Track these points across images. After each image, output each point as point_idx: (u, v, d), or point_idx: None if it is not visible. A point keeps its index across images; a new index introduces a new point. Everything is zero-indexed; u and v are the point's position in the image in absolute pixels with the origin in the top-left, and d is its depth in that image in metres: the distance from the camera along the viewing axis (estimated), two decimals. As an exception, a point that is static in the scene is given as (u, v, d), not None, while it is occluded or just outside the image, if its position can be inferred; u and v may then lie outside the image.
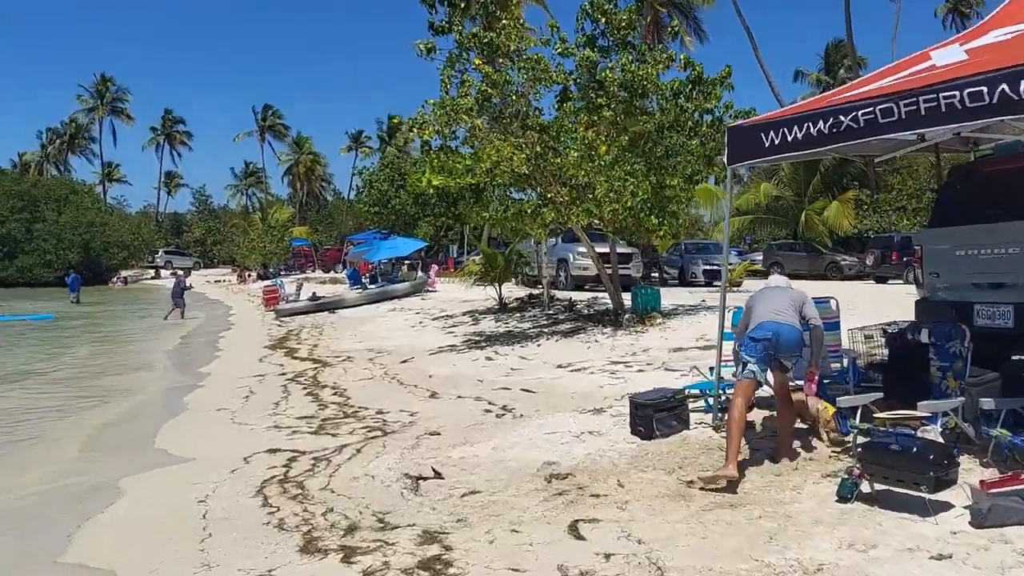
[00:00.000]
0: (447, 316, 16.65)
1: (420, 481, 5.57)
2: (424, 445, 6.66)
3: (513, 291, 18.37)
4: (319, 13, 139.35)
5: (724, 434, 6.00)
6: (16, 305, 28.37)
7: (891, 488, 4.30)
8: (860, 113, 5.22)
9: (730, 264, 24.78)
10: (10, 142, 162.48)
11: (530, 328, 13.58)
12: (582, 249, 20.79)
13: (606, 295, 17.83)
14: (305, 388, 10.30)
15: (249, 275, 45.70)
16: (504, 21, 12.14)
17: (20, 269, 50.44)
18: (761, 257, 33.49)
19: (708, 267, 24.92)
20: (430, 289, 24.19)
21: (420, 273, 28.02)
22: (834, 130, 5.40)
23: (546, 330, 13.10)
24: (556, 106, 11.83)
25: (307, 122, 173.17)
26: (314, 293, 23.77)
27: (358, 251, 29.54)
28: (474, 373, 10.13)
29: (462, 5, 12.33)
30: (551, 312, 14.93)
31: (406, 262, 28.47)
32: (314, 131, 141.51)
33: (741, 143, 6.08)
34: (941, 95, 4.55)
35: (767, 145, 5.80)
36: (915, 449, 4.24)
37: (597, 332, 11.68)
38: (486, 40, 11.74)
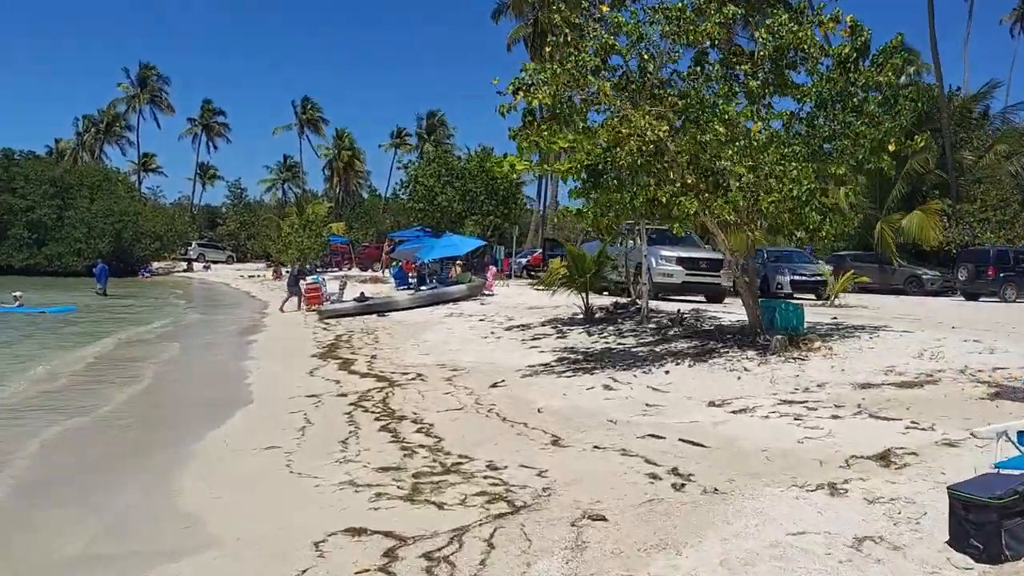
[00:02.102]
0: (522, 326, 14.30)
1: (637, 637, 3.24)
2: (594, 542, 4.31)
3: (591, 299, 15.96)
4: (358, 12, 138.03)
5: None
6: (34, 297, 26.56)
7: None
8: None
9: (821, 276, 22.35)
10: (47, 129, 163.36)
11: (636, 346, 11.18)
12: (665, 252, 18.40)
13: (702, 305, 15.42)
14: (377, 419, 8.00)
15: (286, 271, 43.82)
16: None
17: (49, 257, 48.96)
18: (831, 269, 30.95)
19: (797, 277, 22.26)
20: (487, 292, 21.87)
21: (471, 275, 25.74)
22: None
23: (658, 349, 10.70)
24: (692, 73, 9.44)
25: (342, 118, 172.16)
26: (362, 293, 21.56)
27: (407, 248, 27.33)
28: (598, 409, 7.77)
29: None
30: (653, 326, 12.51)
31: (458, 262, 26.18)
32: (349, 126, 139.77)
33: None
34: None
35: None
36: None
37: (739, 357, 9.24)
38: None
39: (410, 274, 27.62)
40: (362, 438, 7.20)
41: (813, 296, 21.15)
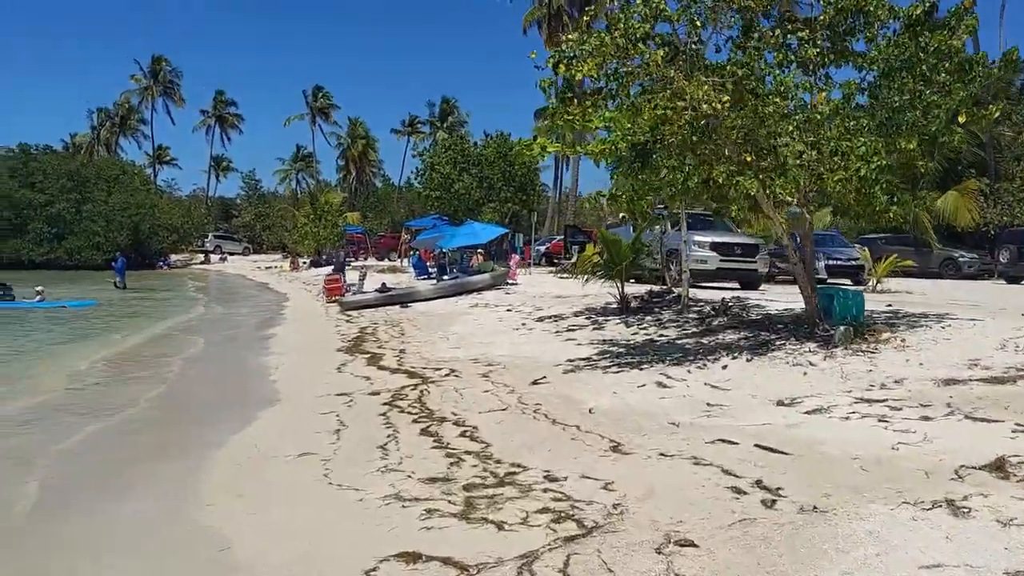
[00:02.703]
0: (554, 317, 13.70)
1: None
2: None
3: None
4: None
5: None
6: (55, 291, 26.26)
7: None
8: None
9: (857, 260, 21.49)
10: (62, 123, 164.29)
11: (680, 338, 10.55)
12: (699, 238, 17.70)
13: (742, 293, 14.75)
14: (415, 420, 7.44)
15: (304, 262, 43.52)
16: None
17: (69, 251, 49.09)
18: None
19: (832, 262, 21.42)
20: (511, 282, 21.29)
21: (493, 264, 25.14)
22: None
23: (705, 341, 10.07)
24: (747, 41, 8.73)
25: (353, 106, 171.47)
26: (383, 284, 21.06)
27: (428, 237, 26.76)
28: (655, 408, 7.16)
29: None
30: (694, 316, 11.87)
31: (479, 251, 25.61)
32: (360, 114, 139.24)
33: None
34: None
35: None
36: None
37: (800, 350, 8.59)
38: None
39: (429, 263, 27.09)
40: (402, 443, 6.64)
41: (850, 282, 20.33)
